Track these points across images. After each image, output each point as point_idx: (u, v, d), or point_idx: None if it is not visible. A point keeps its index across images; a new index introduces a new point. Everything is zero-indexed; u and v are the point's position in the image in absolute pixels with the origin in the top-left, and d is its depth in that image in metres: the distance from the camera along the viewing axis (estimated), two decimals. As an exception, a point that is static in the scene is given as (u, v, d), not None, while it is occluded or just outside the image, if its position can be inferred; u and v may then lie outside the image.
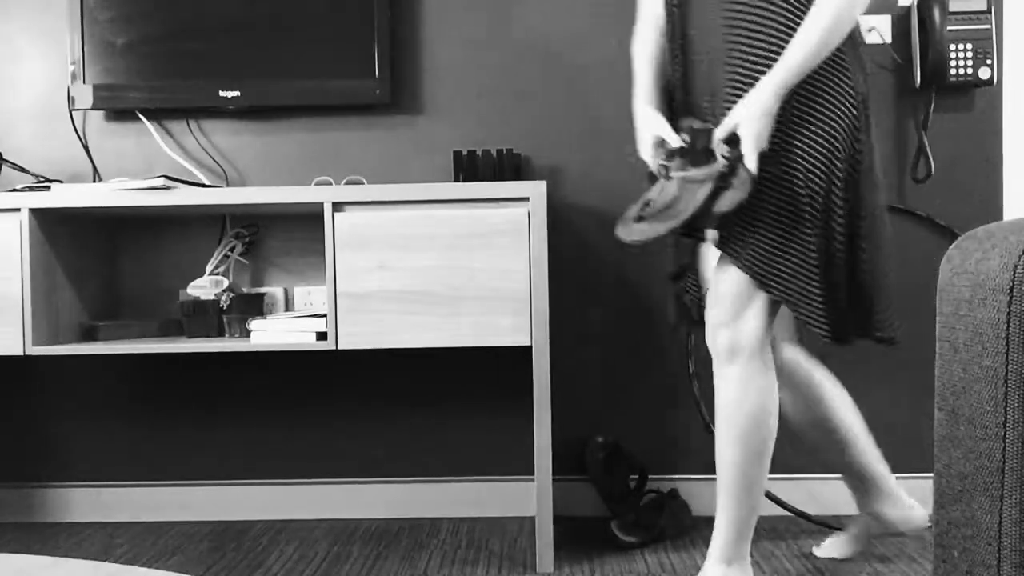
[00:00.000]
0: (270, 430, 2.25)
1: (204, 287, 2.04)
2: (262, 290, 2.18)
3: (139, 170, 2.24)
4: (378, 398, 2.24)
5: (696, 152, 1.51)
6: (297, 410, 2.25)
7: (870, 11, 2.16)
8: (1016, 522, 0.80)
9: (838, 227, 1.50)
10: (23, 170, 2.17)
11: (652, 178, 1.60)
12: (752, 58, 1.50)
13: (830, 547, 1.85)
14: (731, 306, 1.54)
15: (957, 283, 0.92)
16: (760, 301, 1.53)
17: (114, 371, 2.26)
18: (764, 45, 1.50)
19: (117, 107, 2.16)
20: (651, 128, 1.58)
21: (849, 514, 2.17)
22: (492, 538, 2.05)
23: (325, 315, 1.85)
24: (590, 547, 1.97)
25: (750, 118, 1.45)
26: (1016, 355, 0.80)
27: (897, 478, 2.17)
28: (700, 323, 1.69)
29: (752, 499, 1.58)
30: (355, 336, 1.82)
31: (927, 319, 2.17)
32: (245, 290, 2.17)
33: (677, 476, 2.20)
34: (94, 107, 2.14)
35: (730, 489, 1.57)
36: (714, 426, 2.19)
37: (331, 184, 2.09)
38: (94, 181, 2.24)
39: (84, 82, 2.13)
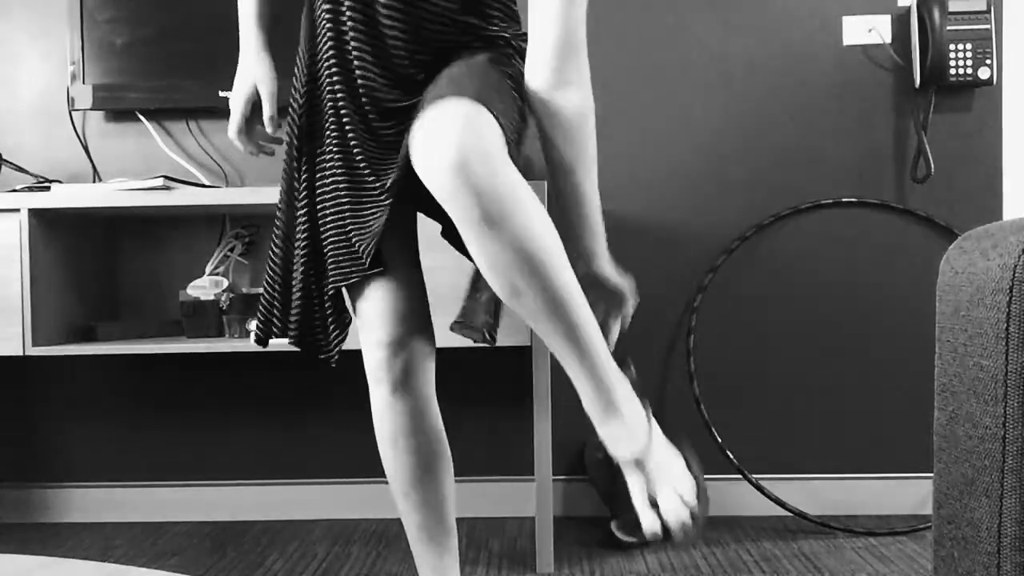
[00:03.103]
0: (270, 430, 2.25)
1: (204, 287, 2.04)
2: (262, 290, 2.18)
3: (139, 170, 2.24)
4: (378, 398, 2.24)
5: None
6: (297, 410, 2.25)
7: (870, 11, 2.16)
8: (1016, 522, 0.80)
9: None
10: (23, 170, 2.17)
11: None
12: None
13: None
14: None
15: (957, 283, 0.92)
16: None
17: (114, 371, 2.26)
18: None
19: (117, 107, 2.15)
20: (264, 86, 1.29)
21: (849, 514, 2.17)
22: (492, 538, 2.05)
23: (325, 315, 1.85)
24: (590, 547, 1.97)
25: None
26: (1016, 355, 0.80)
27: (897, 478, 2.17)
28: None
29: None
30: (355, 336, 1.82)
31: (927, 319, 2.17)
32: (245, 290, 2.17)
33: (677, 476, 2.20)
34: (94, 107, 2.14)
35: None
36: (714, 428, 2.19)
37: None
38: (94, 181, 2.24)
39: (84, 82, 2.13)
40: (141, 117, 2.23)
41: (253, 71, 1.33)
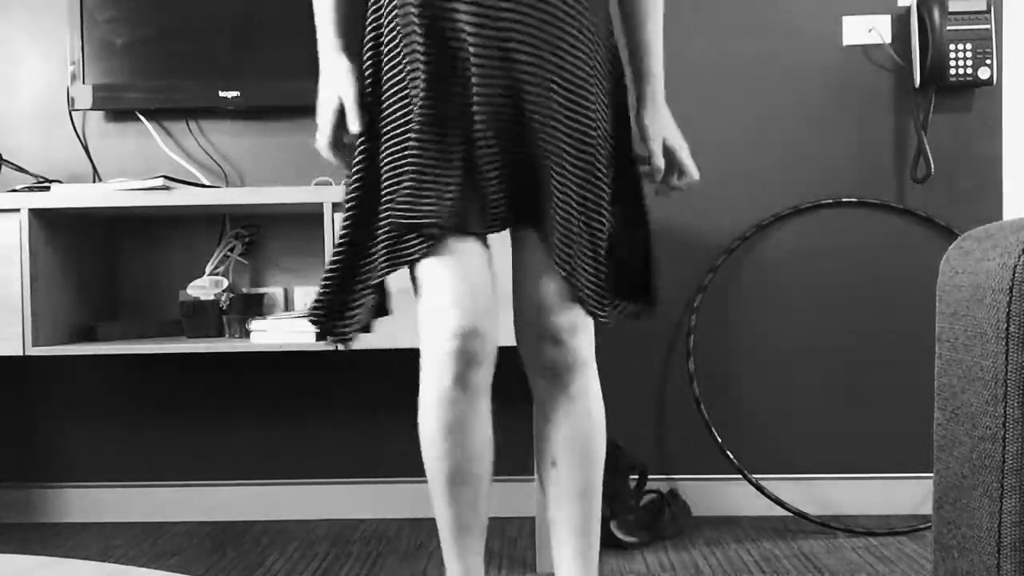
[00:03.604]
0: (270, 430, 2.25)
1: (204, 287, 2.04)
2: (262, 290, 2.18)
3: (139, 170, 2.24)
4: (378, 398, 2.24)
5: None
6: (297, 410, 2.25)
7: (870, 11, 2.16)
8: (1016, 522, 0.80)
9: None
10: (23, 170, 2.17)
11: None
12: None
13: None
14: None
15: (957, 283, 0.92)
16: None
17: (114, 371, 2.26)
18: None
19: (117, 107, 2.15)
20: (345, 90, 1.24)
21: (849, 514, 2.17)
22: (492, 538, 2.05)
23: (325, 315, 1.85)
24: (590, 547, 1.97)
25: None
26: (1016, 355, 0.80)
27: (897, 478, 2.17)
28: None
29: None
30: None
31: (927, 319, 2.17)
32: (245, 290, 2.17)
33: (677, 476, 2.20)
34: (94, 107, 2.14)
35: None
36: (714, 428, 2.19)
37: (331, 184, 2.09)
38: (94, 181, 2.24)
39: (84, 82, 2.13)
40: (141, 117, 2.23)
41: (335, 83, 1.26)
